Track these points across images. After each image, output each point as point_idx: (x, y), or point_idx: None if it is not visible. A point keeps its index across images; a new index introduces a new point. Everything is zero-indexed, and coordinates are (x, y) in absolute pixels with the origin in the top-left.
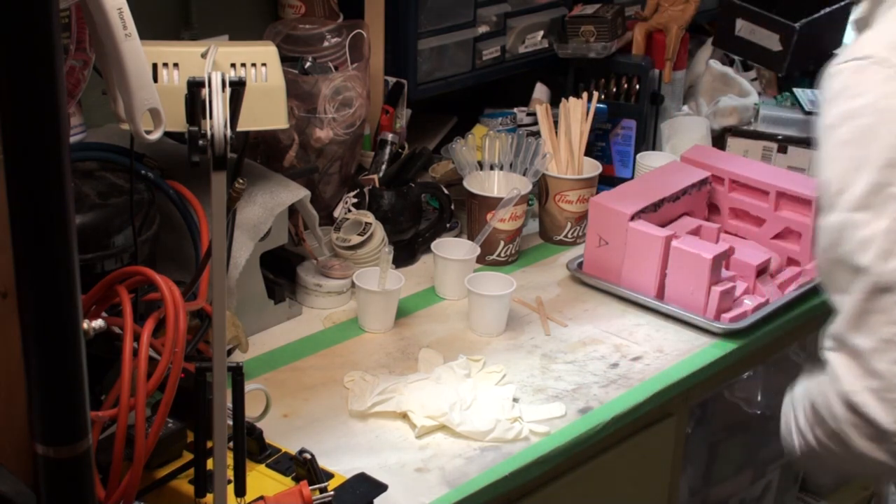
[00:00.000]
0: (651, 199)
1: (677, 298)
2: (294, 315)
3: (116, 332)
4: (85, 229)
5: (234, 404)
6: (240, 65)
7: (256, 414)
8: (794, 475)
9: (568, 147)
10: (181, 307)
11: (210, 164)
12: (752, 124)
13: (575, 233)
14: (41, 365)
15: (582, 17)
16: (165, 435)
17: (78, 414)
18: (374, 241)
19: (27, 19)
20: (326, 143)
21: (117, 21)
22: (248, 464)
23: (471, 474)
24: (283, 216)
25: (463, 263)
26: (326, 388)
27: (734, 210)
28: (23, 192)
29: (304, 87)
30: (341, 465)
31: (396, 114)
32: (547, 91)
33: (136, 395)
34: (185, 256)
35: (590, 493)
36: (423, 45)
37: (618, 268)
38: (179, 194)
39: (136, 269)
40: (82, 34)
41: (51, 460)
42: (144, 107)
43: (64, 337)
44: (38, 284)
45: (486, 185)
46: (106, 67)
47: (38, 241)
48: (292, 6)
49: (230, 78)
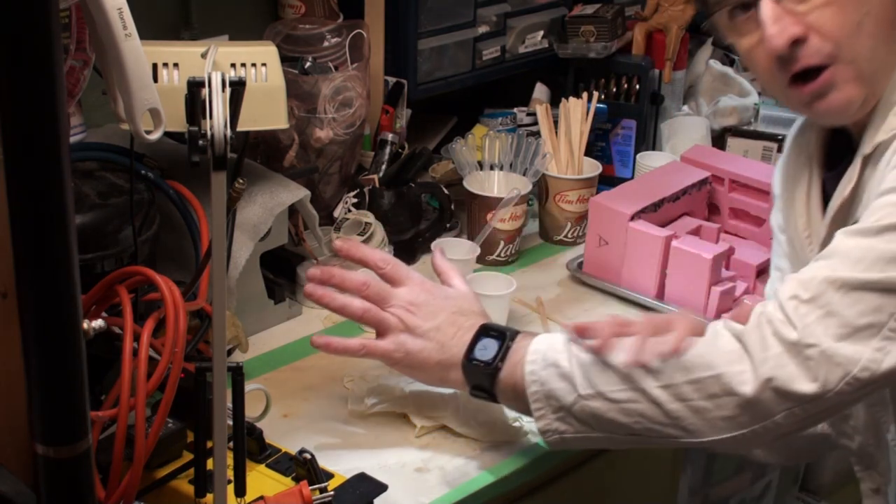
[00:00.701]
0: (651, 199)
1: (677, 298)
2: (294, 315)
3: (116, 332)
4: (85, 229)
5: (234, 404)
6: (240, 65)
7: (256, 414)
8: (794, 475)
9: (568, 147)
10: (181, 307)
11: (210, 164)
12: (752, 124)
13: (575, 233)
14: (41, 365)
15: (582, 17)
16: (165, 435)
17: (78, 414)
18: (374, 241)
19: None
20: (326, 143)
21: (117, 21)
22: (248, 464)
23: (471, 474)
24: (283, 216)
25: (463, 263)
26: (326, 388)
27: (734, 210)
28: (23, 192)
29: (304, 87)
30: (341, 465)
31: (396, 114)
32: (547, 91)
33: (136, 395)
34: (185, 256)
35: (590, 493)
36: (423, 45)
37: (618, 268)
38: (179, 194)
39: (136, 269)
40: (82, 34)
41: (51, 460)
42: (144, 107)
43: (64, 337)
44: (38, 284)
45: (486, 185)
46: (106, 67)
47: (38, 241)
48: (292, 6)
49: (230, 78)
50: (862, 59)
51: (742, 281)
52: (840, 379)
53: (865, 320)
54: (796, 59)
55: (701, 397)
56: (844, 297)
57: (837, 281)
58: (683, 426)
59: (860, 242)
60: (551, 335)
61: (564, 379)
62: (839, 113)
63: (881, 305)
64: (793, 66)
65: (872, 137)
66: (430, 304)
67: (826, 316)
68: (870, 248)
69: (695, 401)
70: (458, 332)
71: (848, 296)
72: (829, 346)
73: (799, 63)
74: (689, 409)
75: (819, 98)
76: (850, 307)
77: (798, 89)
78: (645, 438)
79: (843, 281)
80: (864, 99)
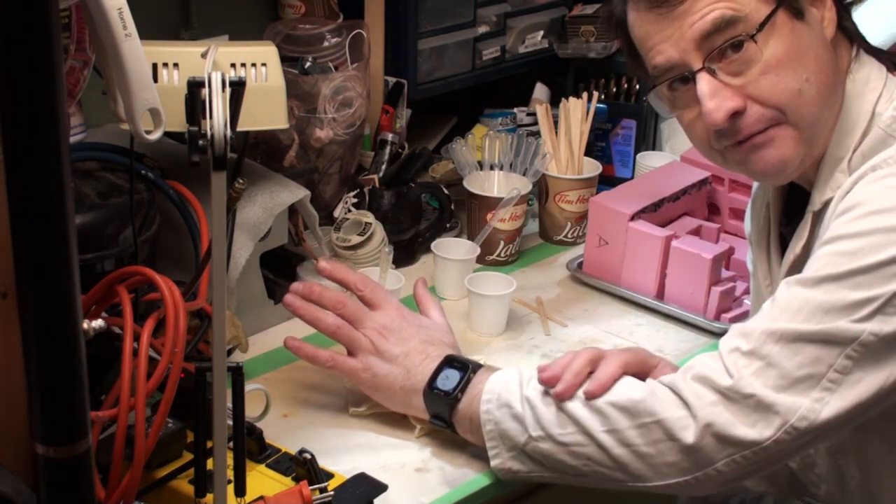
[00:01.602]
0: (651, 199)
1: (677, 298)
2: (294, 315)
3: (116, 332)
4: (85, 229)
5: (234, 404)
6: (240, 65)
7: (256, 414)
8: None
9: (568, 147)
10: (181, 307)
11: (210, 164)
12: None
13: (575, 233)
14: (41, 365)
15: (582, 17)
16: (165, 435)
17: (78, 414)
18: (374, 241)
19: (27, 19)
20: (326, 143)
21: (117, 21)
22: (248, 464)
23: (471, 474)
24: (283, 216)
25: (463, 263)
26: (326, 388)
27: (734, 210)
28: (23, 192)
29: (304, 87)
30: (341, 465)
31: (396, 114)
32: (547, 91)
33: (136, 395)
34: (185, 256)
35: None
36: (423, 45)
37: (618, 268)
38: (179, 194)
39: (136, 269)
40: (82, 34)
41: (51, 460)
42: (144, 107)
43: (64, 337)
44: (38, 284)
45: (486, 185)
46: (106, 67)
47: (38, 241)
48: (292, 6)
49: (230, 78)
50: (804, 124)
51: (742, 281)
52: (778, 427)
53: (804, 371)
54: (738, 130)
55: (645, 443)
56: (783, 349)
57: (776, 333)
58: (629, 471)
59: (799, 293)
60: (507, 372)
61: (516, 420)
62: (776, 171)
63: (819, 357)
64: (735, 137)
65: (821, 194)
66: (402, 329)
67: (765, 367)
68: (807, 298)
69: (639, 446)
70: (425, 361)
71: (787, 348)
72: (766, 396)
73: (741, 134)
74: (634, 454)
75: (755, 151)
76: (788, 359)
77: (736, 147)
78: (594, 480)
79: (781, 332)
80: (801, 159)
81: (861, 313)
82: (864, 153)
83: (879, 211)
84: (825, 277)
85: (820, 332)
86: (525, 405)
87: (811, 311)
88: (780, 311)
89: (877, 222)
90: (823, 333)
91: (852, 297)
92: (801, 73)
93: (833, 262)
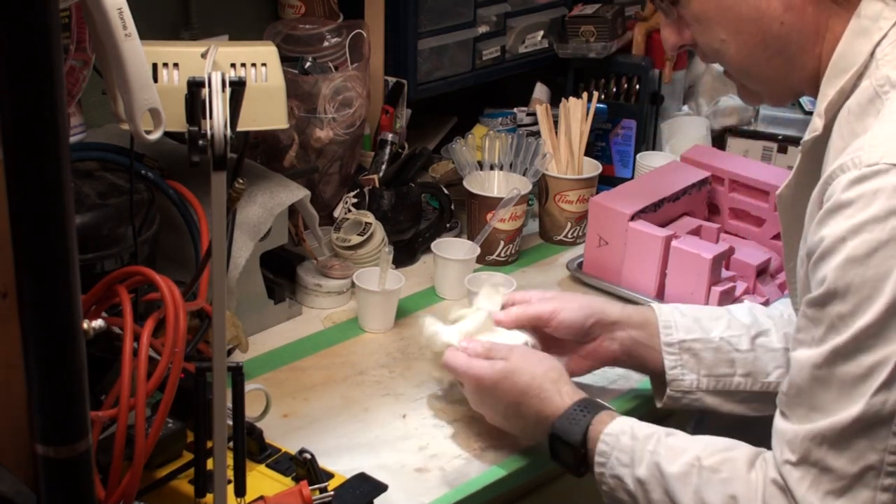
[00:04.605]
0: (651, 199)
1: (677, 298)
2: (294, 315)
3: (116, 332)
4: (85, 229)
5: (234, 404)
6: (240, 65)
7: (256, 414)
8: None
9: (568, 147)
10: (181, 307)
11: (210, 164)
12: (752, 124)
13: (575, 233)
14: (41, 365)
15: (582, 17)
16: (165, 435)
17: (78, 414)
18: (374, 241)
19: (27, 19)
20: (326, 143)
21: (117, 21)
22: (248, 464)
23: (471, 474)
24: (283, 216)
25: (463, 263)
26: (326, 388)
27: (734, 210)
28: (23, 192)
29: (304, 87)
30: (341, 465)
31: (396, 114)
32: (547, 91)
33: (136, 395)
34: (185, 256)
35: (590, 493)
36: (423, 45)
37: (618, 268)
38: (179, 194)
39: (136, 269)
40: (82, 34)
41: (51, 460)
42: (144, 107)
43: (64, 337)
44: (38, 284)
45: (486, 185)
46: (106, 67)
47: (38, 241)
48: (292, 6)
49: (230, 78)
50: (739, 76)
51: (742, 281)
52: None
53: (859, 466)
54: None
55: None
56: (830, 449)
57: (818, 436)
58: None
59: (817, 375)
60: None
61: (628, 494)
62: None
63: (869, 445)
64: None
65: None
66: None
67: (819, 475)
68: (828, 380)
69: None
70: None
71: (833, 447)
72: None
73: None
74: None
75: None
76: (837, 458)
77: None
78: None
79: (822, 435)
80: (768, 95)
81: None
82: (850, 109)
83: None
84: (835, 351)
85: (856, 418)
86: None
87: (836, 395)
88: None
89: (860, 273)
90: (860, 419)
91: (868, 362)
92: (717, 33)
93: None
